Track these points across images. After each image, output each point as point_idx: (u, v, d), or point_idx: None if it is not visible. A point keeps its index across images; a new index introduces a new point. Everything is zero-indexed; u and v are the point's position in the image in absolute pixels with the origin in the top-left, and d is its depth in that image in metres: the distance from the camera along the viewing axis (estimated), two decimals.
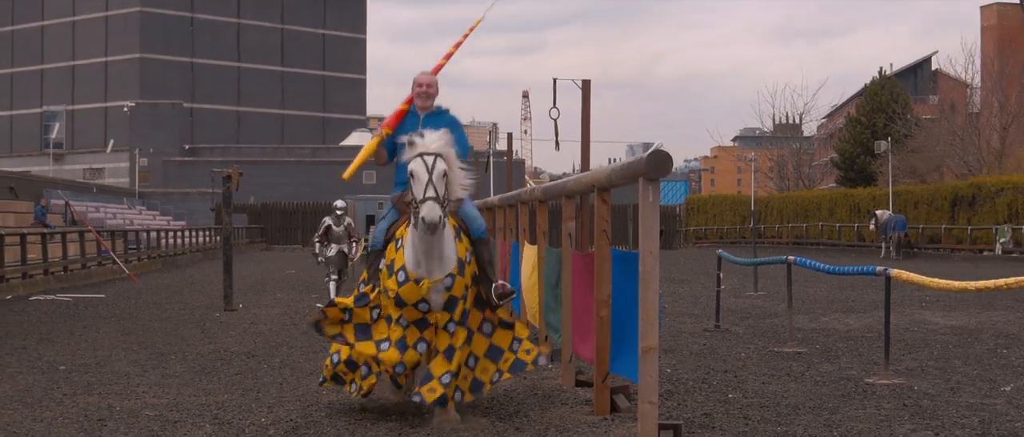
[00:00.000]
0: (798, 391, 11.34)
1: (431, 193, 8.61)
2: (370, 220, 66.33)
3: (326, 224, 24.00)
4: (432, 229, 8.56)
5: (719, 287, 18.68)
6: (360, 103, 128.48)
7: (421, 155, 8.80)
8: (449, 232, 9.02)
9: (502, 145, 71.20)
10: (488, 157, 65.07)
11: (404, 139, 9.17)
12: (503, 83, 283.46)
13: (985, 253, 52.81)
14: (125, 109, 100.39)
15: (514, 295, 9.76)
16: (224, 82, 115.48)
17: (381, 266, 9.34)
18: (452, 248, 9.05)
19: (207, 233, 63.97)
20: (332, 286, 23.53)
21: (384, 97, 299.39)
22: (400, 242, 9.17)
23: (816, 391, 11.35)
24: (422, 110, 10.09)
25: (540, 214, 12.84)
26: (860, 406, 10.38)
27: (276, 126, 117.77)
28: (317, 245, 23.95)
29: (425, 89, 10.06)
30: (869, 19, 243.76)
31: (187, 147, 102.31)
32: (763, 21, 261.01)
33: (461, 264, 9.09)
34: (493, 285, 9.46)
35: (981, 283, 11.13)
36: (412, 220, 8.89)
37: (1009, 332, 17.23)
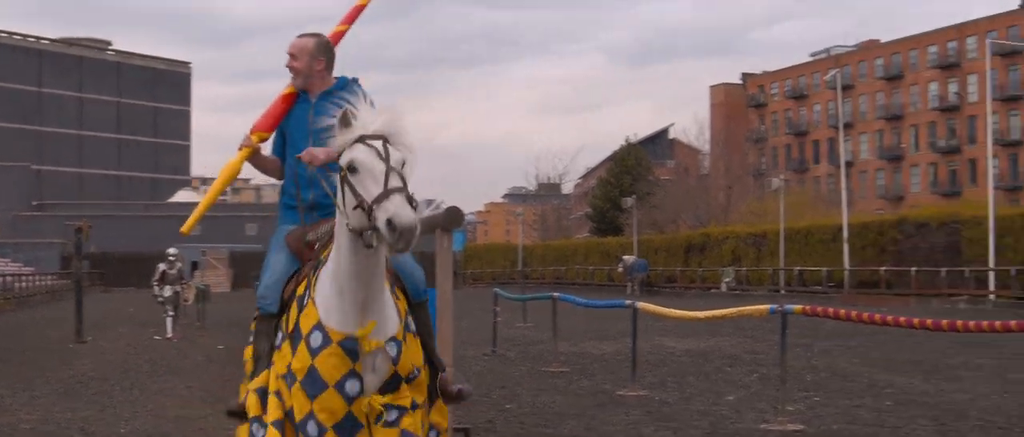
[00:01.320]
0: (563, 402, 11.76)
1: (397, 183, 4.29)
2: (194, 265, 64.93)
3: (161, 269, 24.50)
4: (407, 240, 4.17)
5: (496, 318, 19.07)
6: (186, 166, 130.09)
7: (364, 140, 4.45)
8: (385, 280, 4.71)
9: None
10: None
11: (326, 121, 4.70)
12: None
13: (713, 290, 54.64)
14: None
15: (470, 396, 5.77)
16: (68, 147, 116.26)
17: (278, 342, 4.93)
18: (391, 299, 4.79)
19: (53, 277, 63.72)
20: (169, 322, 23.71)
21: (207, 162, 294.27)
22: (305, 297, 4.80)
23: (577, 402, 11.78)
24: (309, 92, 5.58)
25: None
26: (613, 413, 10.86)
27: (113, 185, 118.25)
28: (155, 286, 24.34)
29: (290, 61, 5.58)
30: (618, 97, 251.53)
31: (35, 203, 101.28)
32: (528, 99, 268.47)
33: (407, 326, 4.85)
34: (439, 374, 5.20)
35: (709, 313, 11.81)
36: (336, 244, 4.56)
37: (731, 353, 17.98)
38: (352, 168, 4.37)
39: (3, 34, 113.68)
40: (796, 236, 52.32)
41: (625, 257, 58.80)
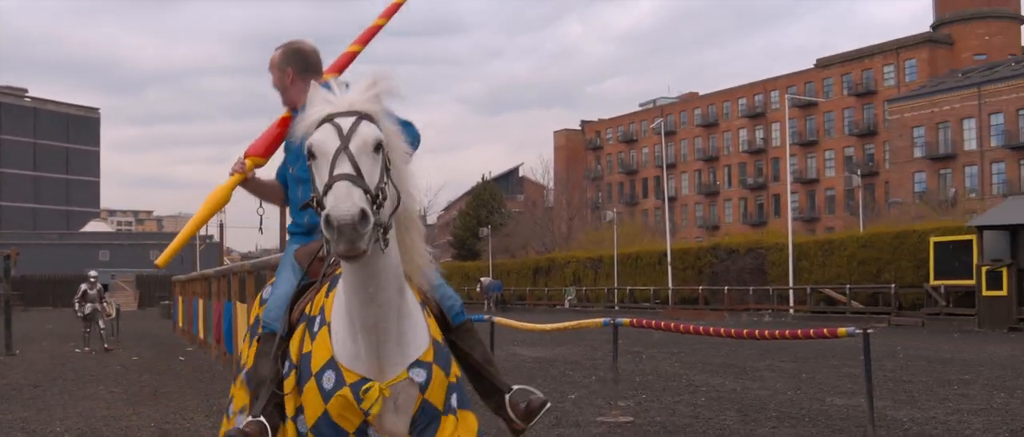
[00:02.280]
0: None
1: (345, 169, 3.00)
2: (105, 288, 63.17)
3: (82, 289, 24.27)
4: (349, 240, 2.87)
5: None
6: (95, 199, 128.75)
7: (330, 119, 3.17)
8: (409, 295, 3.44)
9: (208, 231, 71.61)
10: (196, 239, 63.92)
11: (308, 99, 3.33)
12: (205, 183, 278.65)
13: (557, 307, 55.11)
14: None
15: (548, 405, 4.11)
16: None
17: (286, 370, 3.60)
18: (419, 317, 3.51)
19: None
20: (88, 336, 23.65)
21: (113, 196, 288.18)
22: (318, 320, 3.55)
23: None
24: (296, 107, 4.25)
25: (249, 281, 12.98)
26: (473, 410, 11.12)
27: (30, 217, 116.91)
28: (77, 304, 24.08)
29: (274, 79, 4.46)
30: (475, 140, 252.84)
31: None
32: None
33: (439, 348, 3.55)
34: (510, 393, 4.04)
35: (554, 326, 12.26)
36: (325, 248, 3.02)
37: (573, 360, 18.30)
38: (310, 154, 3.10)
39: None
40: (627, 260, 53.11)
41: (483, 279, 59.18)
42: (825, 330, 9.17)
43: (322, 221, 2.87)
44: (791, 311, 38.91)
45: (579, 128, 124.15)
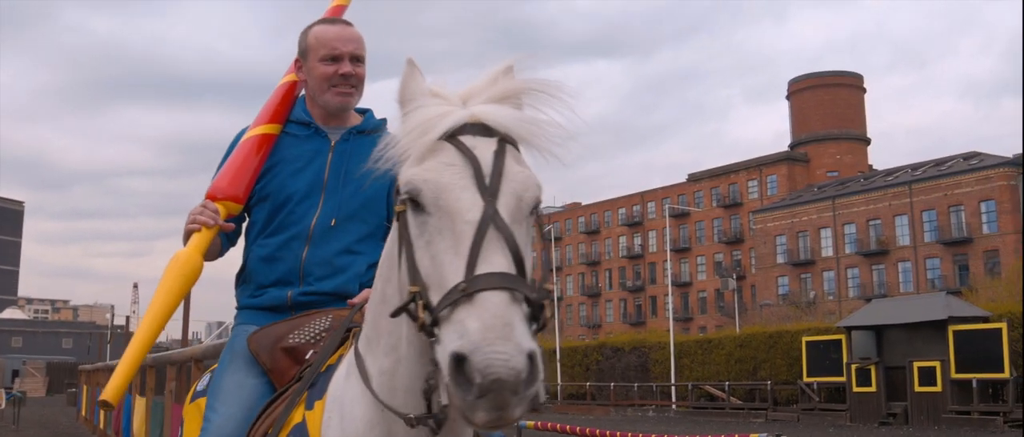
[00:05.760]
0: None
1: (496, 262, 1.51)
2: (15, 373, 59.71)
3: None
4: (497, 405, 1.45)
5: None
6: (14, 287, 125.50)
7: (455, 136, 1.63)
8: None
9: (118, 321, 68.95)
10: (109, 332, 61.30)
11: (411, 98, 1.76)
12: (121, 276, 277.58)
13: None
14: None
15: None
16: None
17: None
18: None
19: None
20: None
21: (35, 283, 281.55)
22: None
23: None
24: (335, 112, 2.71)
25: (149, 375, 11.77)
26: None
27: None
28: None
29: (350, 68, 2.66)
30: None
31: None
32: None
33: None
34: None
35: None
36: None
37: None
38: (416, 202, 1.67)
39: None
40: None
41: None
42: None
43: (447, 363, 1.48)
44: (673, 407, 38.32)
45: None
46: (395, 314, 1.67)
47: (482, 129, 1.67)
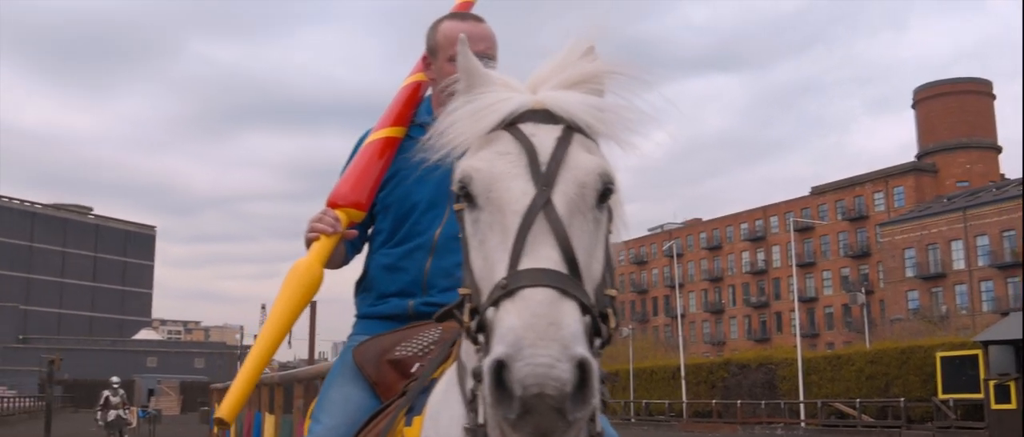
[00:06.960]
0: None
1: (540, 257, 1.30)
2: (151, 392, 62.57)
3: (105, 395, 23.90)
4: (540, 427, 1.20)
5: None
6: (148, 309, 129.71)
7: (514, 125, 1.45)
8: None
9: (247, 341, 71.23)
10: (239, 352, 63.47)
11: (450, 82, 1.63)
12: (248, 298, 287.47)
13: None
14: None
15: None
16: (51, 292, 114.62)
17: None
18: None
19: (31, 400, 62.27)
20: None
21: (167, 305, 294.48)
22: None
23: None
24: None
25: (277, 394, 12.04)
26: None
27: (86, 324, 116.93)
28: (99, 412, 23.64)
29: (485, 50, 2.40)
30: None
31: (21, 337, 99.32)
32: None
33: None
34: None
35: None
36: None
37: None
38: (470, 197, 1.50)
39: (4, 198, 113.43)
40: (642, 374, 51.68)
41: None
42: None
43: (487, 371, 1.26)
44: (802, 424, 37.29)
45: None
46: (439, 318, 1.58)
47: (545, 116, 1.48)
